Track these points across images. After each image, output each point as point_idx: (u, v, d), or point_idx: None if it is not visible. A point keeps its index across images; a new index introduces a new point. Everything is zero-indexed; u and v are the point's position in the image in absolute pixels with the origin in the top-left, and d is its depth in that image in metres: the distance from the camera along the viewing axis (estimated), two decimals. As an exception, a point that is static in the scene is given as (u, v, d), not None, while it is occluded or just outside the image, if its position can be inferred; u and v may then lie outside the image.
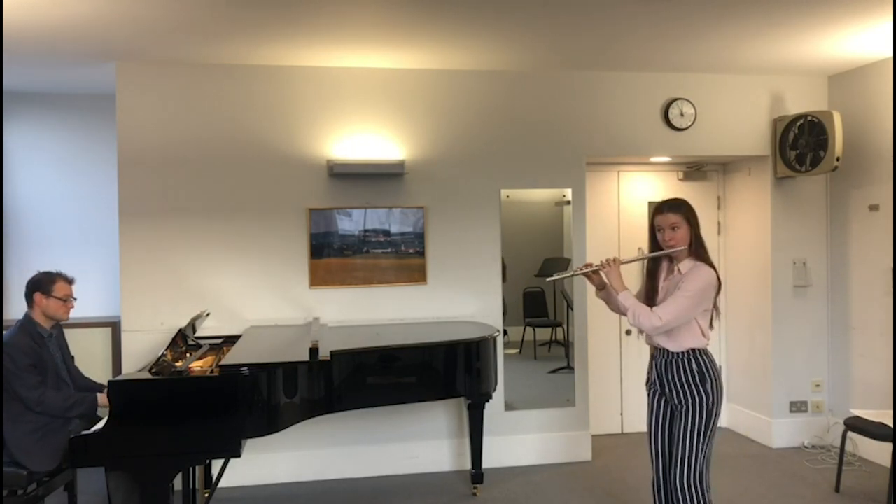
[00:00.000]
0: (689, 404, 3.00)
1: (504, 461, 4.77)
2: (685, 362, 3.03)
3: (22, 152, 5.26)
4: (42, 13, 3.45)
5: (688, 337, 3.02)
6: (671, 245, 3.04)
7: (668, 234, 3.05)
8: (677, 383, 3.03)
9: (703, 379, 3.01)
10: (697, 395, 2.99)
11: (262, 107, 4.55)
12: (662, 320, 2.94)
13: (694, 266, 3.03)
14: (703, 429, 3.00)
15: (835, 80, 5.11)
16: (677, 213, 3.06)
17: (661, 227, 3.08)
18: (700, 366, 3.02)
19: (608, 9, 3.61)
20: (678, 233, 3.04)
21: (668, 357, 3.07)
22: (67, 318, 3.61)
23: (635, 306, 3.02)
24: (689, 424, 3.00)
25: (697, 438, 3.00)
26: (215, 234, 4.50)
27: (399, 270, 4.69)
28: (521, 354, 5.16)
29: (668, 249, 3.06)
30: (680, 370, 3.03)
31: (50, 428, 3.37)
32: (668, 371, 3.07)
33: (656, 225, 3.11)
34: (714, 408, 3.02)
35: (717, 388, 3.03)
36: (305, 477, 4.57)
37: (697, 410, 2.99)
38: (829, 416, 5.16)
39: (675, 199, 3.14)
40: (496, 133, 4.80)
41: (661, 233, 3.08)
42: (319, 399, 3.46)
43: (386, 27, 3.86)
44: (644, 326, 3.00)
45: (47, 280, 3.54)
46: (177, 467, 3.17)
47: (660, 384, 3.13)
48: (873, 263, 4.79)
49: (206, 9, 3.49)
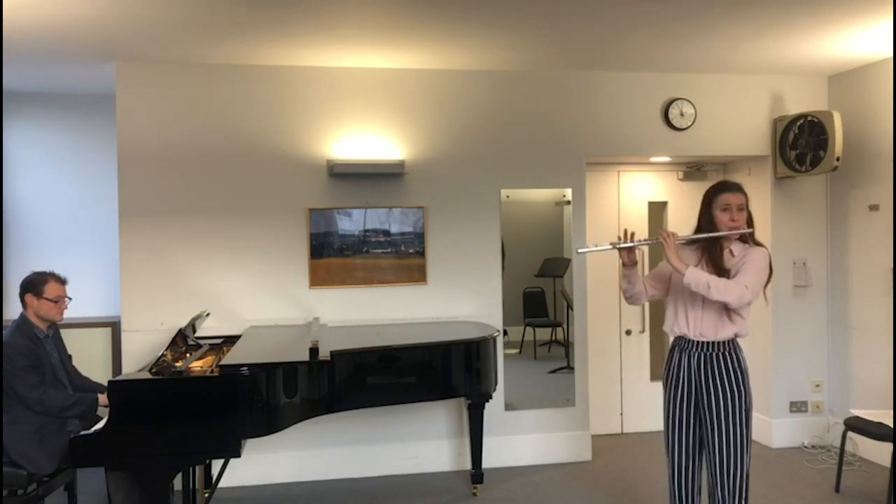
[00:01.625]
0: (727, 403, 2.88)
1: (504, 461, 4.77)
2: (727, 356, 2.90)
3: (22, 152, 5.26)
4: (43, 13, 3.45)
5: (738, 321, 2.89)
6: (736, 227, 2.91)
7: (737, 215, 2.92)
8: (716, 379, 2.90)
9: (743, 375, 2.91)
10: (738, 392, 2.88)
11: (263, 107, 4.55)
12: (749, 289, 2.78)
13: (749, 247, 2.93)
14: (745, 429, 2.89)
15: (835, 80, 5.11)
16: (745, 193, 2.96)
17: (728, 206, 2.93)
18: (742, 361, 2.92)
19: (608, 9, 3.61)
20: (743, 214, 2.94)
21: (708, 350, 2.93)
22: (61, 319, 3.58)
23: (714, 278, 2.80)
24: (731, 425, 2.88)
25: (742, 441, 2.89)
26: (215, 234, 4.50)
27: (399, 270, 4.69)
28: (521, 354, 5.16)
29: (734, 231, 2.91)
30: (720, 364, 2.90)
31: (48, 430, 3.37)
32: (706, 365, 2.92)
33: (722, 203, 2.94)
34: (751, 406, 2.93)
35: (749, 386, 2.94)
36: (305, 477, 4.57)
37: (737, 409, 2.88)
38: (829, 416, 5.16)
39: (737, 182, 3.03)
40: (496, 133, 4.80)
41: (727, 212, 2.92)
42: (319, 399, 3.46)
43: (386, 27, 3.86)
44: (731, 297, 2.78)
45: (39, 281, 3.50)
46: (177, 467, 3.17)
47: (688, 379, 2.98)
48: (873, 263, 4.79)
49: (206, 9, 3.49)
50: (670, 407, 3.09)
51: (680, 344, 3.05)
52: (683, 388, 3.02)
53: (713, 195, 2.99)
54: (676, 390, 3.05)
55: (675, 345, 3.09)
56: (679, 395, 3.04)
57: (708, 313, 2.93)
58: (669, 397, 3.09)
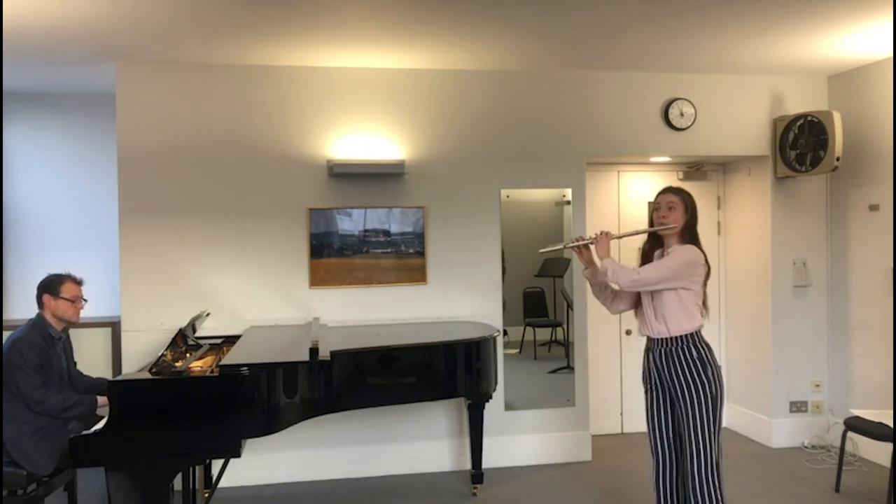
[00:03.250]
0: (692, 394, 3.01)
1: (504, 461, 4.77)
2: (684, 349, 3.05)
3: (22, 152, 5.26)
4: (43, 13, 3.46)
5: (682, 316, 3.06)
6: (661, 223, 3.13)
7: (663, 212, 3.15)
8: (677, 372, 3.05)
9: (703, 365, 3.03)
10: (700, 383, 3.01)
11: (263, 107, 4.55)
12: (640, 275, 3.03)
13: (680, 246, 3.12)
14: (710, 417, 3.01)
15: (835, 80, 5.11)
16: (676, 194, 3.18)
17: (658, 206, 3.18)
18: (700, 351, 3.05)
19: (608, 9, 3.61)
20: (672, 213, 3.13)
21: (667, 346, 3.09)
22: (78, 320, 3.61)
23: (615, 264, 3.10)
24: (696, 415, 3.01)
25: (707, 428, 3.01)
26: (215, 233, 4.50)
27: (399, 270, 4.69)
28: (521, 354, 5.16)
29: (659, 227, 3.14)
30: (679, 358, 3.05)
31: (48, 430, 3.37)
32: (667, 360, 3.09)
33: (654, 203, 3.22)
34: (718, 394, 3.04)
35: (717, 375, 3.06)
36: (306, 477, 4.57)
37: (701, 398, 3.01)
38: (829, 416, 5.16)
39: (680, 187, 3.27)
40: (496, 133, 4.80)
41: (657, 211, 3.18)
42: (319, 399, 3.46)
43: (386, 27, 3.86)
44: (621, 280, 3.06)
45: (56, 281, 3.54)
46: (177, 467, 3.17)
47: (658, 376, 3.15)
48: (873, 263, 4.79)
49: (206, 9, 3.49)
50: (647, 404, 3.25)
51: (648, 343, 3.24)
52: (656, 384, 3.19)
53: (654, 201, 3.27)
54: (650, 387, 3.23)
55: (646, 345, 3.27)
56: (653, 391, 3.21)
57: (657, 312, 3.13)
58: (647, 396, 3.26)
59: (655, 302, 3.14)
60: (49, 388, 3.38)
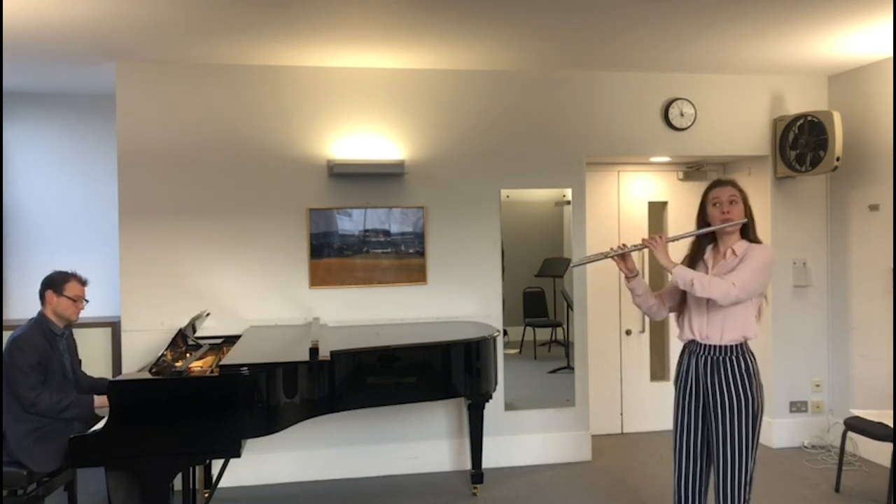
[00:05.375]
0: (732, 407, 2.84)
1: (504, 461, 4.77)
2: (733, 360, 2.87)
3: (22, 152, 5.26)
4: (42, 13, 3.46)
5: (742, 322, 2.85)
6: (728, 218, 2.88)
7: (727, 207, 2.89)
8: (721, 383, 2.87)
9: (750, 380, 2.86)
10: (744, 397, 2.84)
11: (263, 107, 4.55)
12: (737, 286, 2.75)
13: (751, 246, 2.89)
14: (749, 434, 2.85)
15: (835, 80, 5.11)
16: (735, 187, 2.94)
17: (718, 201, 2.92)
18: (748, 365, 2.87)
19: (608, 9, 3.61)
20: (736, 208, 2.90)
21: (715, 354, 2.90)
22: (77, 319, 3.61)
23: (699, 275, 2.81)
24: (734, 430, 2.84)
25: (746, 444, 2.85)
26: (215, 234, 4.50)
27: (399, 270, 4.69)
28: (521, 354, 5.16)
29: (726, 223, 2.88)
30: (725, 370, 2.87)
31: (51, 429, 3.36)
32: (712, 369, 2.90)
33: (712, 199, 2.95)
34: (759, 411, 2.88)
35: (761, 390, 2.90)
36: (306, 477, 4.57)
37: (742, 414, 2.84)
38: (829, 416, 5.16)
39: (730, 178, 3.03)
40: (496, 133, 4.80)
41: (717, 206, 2.92)
42: (319, 399, 3.46)
43: (385, 27, 3.86)
44: (716, 293, 2.76)
45: (61, 279, 3.54)
46: (177, 467, 3.17)
47: (695, 383, 2.96)
48: (873, 263, 4.79)
49: (206, 9, 3.49)
50: (679, 409, 3.06)
51: (690, 346, 3.04)
52: (692, 390, 3.00)
53: (705, 194, 3.02)
54: (685, 392, 3.03)
55: (686, 346, 3.07)
56: (687, 397, 3.02)
57: (713, 317, 2.91)
58: (678, 399, 3.07)
59: (712, 305, 2.88)
60: (44, 389, 3.36)
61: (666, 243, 2.93)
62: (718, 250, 2.98)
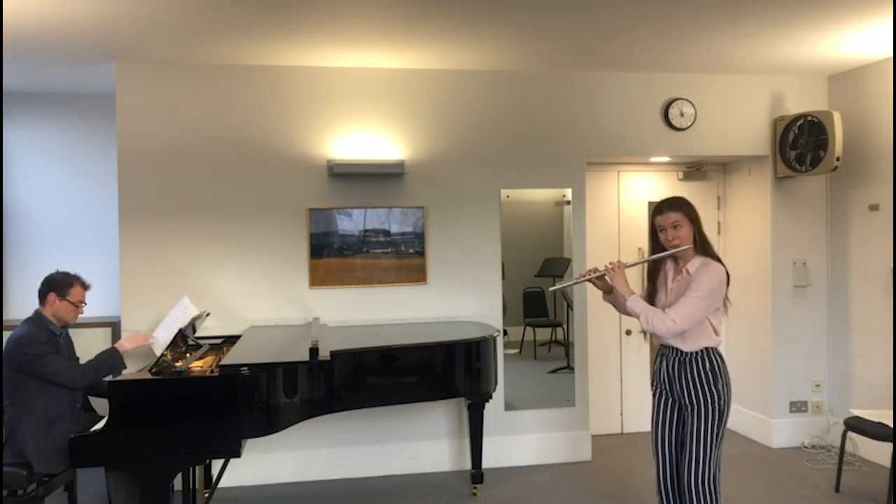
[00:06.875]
0: (700, 404, 2.96)
1: (504, 461, 4.77)
2: (698, 361, 2.98)
3: (22, 152, 5.26)
4: (42, 13, 3.46)
5: (701, 336, 2.98)
6: (675, 245, 2.99)
7: (671, 234, 2.98)
8: (689, 383, 2.99)
9: (715, 378, 2.97)
10: (710, 395, 2.95)
11: (262, 107, 4.55)
12: (677, 323, 2.89)
13: (703, 264, 2.97)
14: (715, 429, 2.96)
15: (835, 80, 5.11)
16: (677, 211, 3.00)
17: (662, 228, 3.02)
18: (713, 364, 2.98)
19: (608, 8, 3.61)
20: (681, 231, 2.98)
21: (681, 356, 3.01)
22: (74, 322, 3.61)
23: (646, 310, 2.96)
24: (702, 425, 2.95)
25: (710, 439, 2.96)
26: (215, 233, 4.51)
27: (399, 270, 4.69)
28: (521, 354, 5.16)
29: (672, 249, 3.00)
30: (692, 369, 2.98)
31: (57, 430, 3.35)
32: (679, 370, 3.02)
33: (657, 225, 3.04)
34: (725, 407, 2.98)
35: (727, 388, 3.00)
36: (305, 477, 4.57)
37: (709, 410, 2.95)
38: (829, 416, 5.16)
39: (674, 198, 3.08)
40: (496, 133, 4.80)
41: (662, 233, 3.02)
42: (319, 399, 3.46)
43: (385, 27, 3.86)
44: (659, 330, 2.93)
45: (65, 282, 3.51)
46: (177, 467, 3.17)
47: (669, 384, 3.08)
48: (873, 263, 4.79)
49: (206, 9, 3.49)
50: (655, 407, 3.19)
51: (661, 350, 3.16)
52: (665, 389, 3.13)
53: (651, 219, 3.11)
54: (660, 393, 3.16)
55: (659, 349, 3.19)
56: (661, 396, 3.15)
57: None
58: (654, 400, 3.20)
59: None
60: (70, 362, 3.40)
61: (623, 270, 3.05)
62: (678, 265, 3.07)
